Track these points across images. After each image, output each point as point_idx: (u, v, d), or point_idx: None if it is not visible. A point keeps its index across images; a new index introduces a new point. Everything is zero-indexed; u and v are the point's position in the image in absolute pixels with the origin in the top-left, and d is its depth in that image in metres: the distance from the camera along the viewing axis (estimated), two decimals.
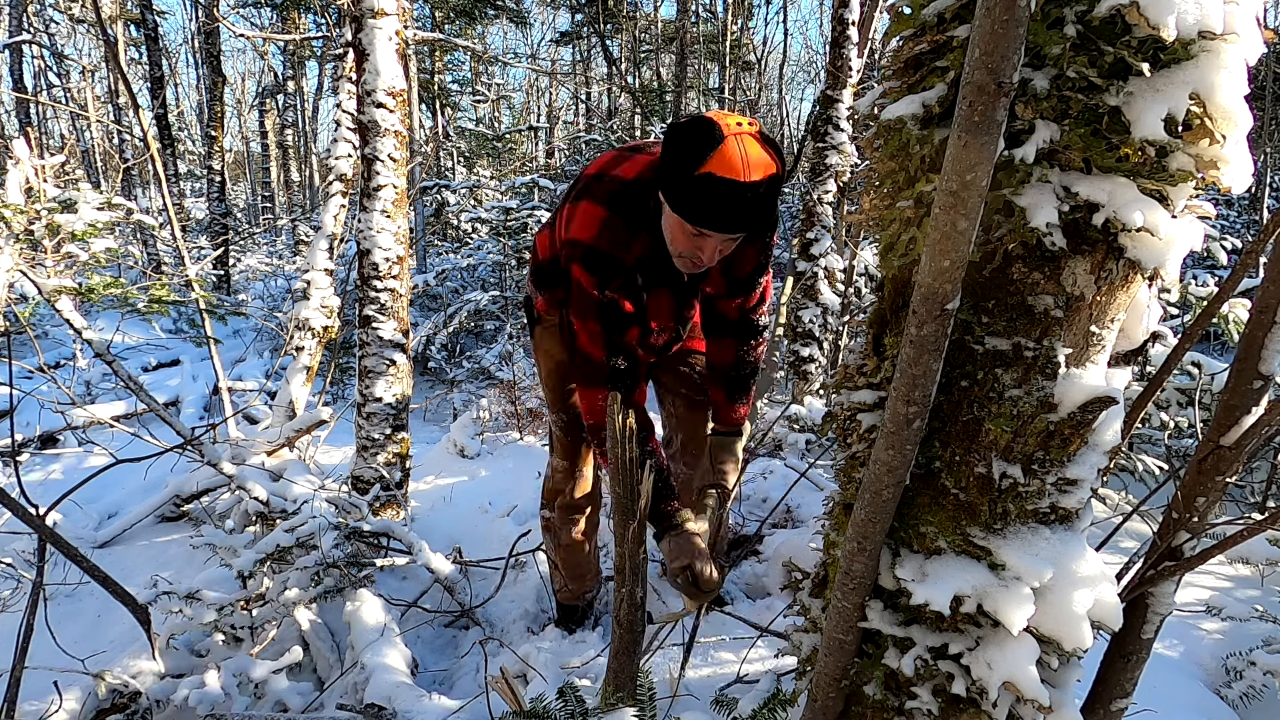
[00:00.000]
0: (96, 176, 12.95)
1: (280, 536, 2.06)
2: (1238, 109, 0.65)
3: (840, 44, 3.78)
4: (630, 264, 1.46)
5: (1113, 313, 0.75)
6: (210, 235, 9.90)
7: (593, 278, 1.44)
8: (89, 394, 5.19)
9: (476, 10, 9.40)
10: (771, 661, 1.79)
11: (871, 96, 0.82)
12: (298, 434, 2.85)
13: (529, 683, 1.80)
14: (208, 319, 2.95)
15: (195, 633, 1.98)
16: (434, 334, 6.17)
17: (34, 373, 2.42)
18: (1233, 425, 0.90)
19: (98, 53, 14.62)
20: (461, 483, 3.55)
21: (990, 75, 0.57)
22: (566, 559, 2.05)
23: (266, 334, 6.77)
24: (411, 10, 7.41)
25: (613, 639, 1.26)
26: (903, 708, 0.84)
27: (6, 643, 1.76)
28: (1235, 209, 7.91)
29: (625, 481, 1.17)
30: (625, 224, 1.43)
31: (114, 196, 2.36)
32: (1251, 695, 1.79)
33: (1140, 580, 0.98)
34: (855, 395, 0.85)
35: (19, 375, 4.94)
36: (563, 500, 1.96)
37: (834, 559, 0.92)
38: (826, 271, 3.96)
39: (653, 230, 1.44)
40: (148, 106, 8.91)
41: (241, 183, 22.54)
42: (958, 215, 0.62)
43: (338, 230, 3.63)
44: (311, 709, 1.81)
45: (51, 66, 12.16)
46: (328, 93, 15.97)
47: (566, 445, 1.92)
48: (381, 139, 2.60)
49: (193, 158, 16.34)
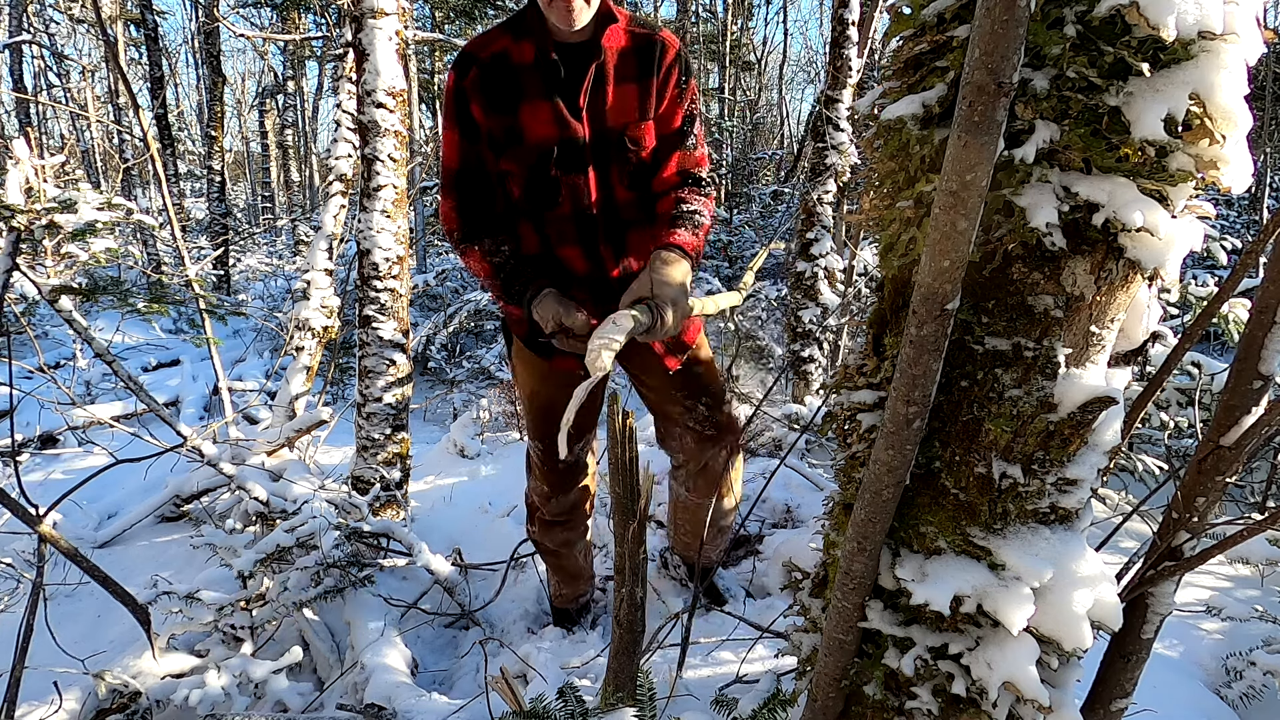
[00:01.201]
0: (96, 176, 12.95)
1: (280, 536, 2.06)
2: (1238, 109, 0.65)
3: (840, 44, 3.78)
4: (486, 58, 1.45)
5: (1113, 313, 0.75)
6: (210, 235, 9.90)
7: (452, 73, 1.48)
8: (89, 394, 5.20)
9: (476, 10, 9.41)
10: (771, 661, 1.79)
11: (871, 96, 0.82)
12: (298, 434, 2.84)
13: (529, 683, 1.80)
14: (208, 319, 2.95)
15: (195, 633, 1.98)
16: (434, 334, 6.17)
17: (34, 373, 2.42)
18: (1233, 425, 0.90)
19: (98, 53, 14.61)
20: (461, 483, 3.55)
21: (990, 75, 0.57)
22: (555, 565, 2.07)
23: (266, 334, 6.77)
24: (411, 10, 7.41)
25: (613, 639, 1.26)
26: (903, 708, 0.84)
27: (6, 643, 1.76)
28: (1235, 209, 7.91)
29: (625, 481, 1.17)
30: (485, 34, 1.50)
31: (114, 196, 2.35)
32: (1251, 695, 1.79)
33: (1140, 580, 0.98)
34: (855, 395, 0.85)
35: (19, 375, 4.94)
36: (542, 516, 1.94)
37: (834, 559, 0.92)
38: (826, 271, 3.96)
39: (518, 32, 1.46)
40: (148, 106, 8.91)
41: (241, 183, 22.54)
42: (958, 215, 0.62)
43: (338, 230, 3.63)
44: (311, 709, 1.81)
45: (51, 66, 12.16)
46: (328, 93, 15.97)
47: (545, 472, 1.86)
48: (381, 139, 2.60)
49: (193, 158, 16.34)
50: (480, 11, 9.44)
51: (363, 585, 2.14)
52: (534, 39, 1.44)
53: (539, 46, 1.44)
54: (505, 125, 1.47)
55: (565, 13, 1.36)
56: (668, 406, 1.80)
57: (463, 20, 9.98)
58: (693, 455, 1.84)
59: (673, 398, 1.78)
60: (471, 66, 1.45)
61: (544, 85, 1.45)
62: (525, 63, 1.45)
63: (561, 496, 1.89)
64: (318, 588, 2.06)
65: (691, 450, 1.83)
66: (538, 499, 1.92)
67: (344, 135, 3.77)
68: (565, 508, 1.92)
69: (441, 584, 2.29)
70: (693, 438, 1.81)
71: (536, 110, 1.46)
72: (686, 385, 1.76)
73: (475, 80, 1.45)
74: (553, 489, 1.88)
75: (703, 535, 1.83)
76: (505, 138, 1.48)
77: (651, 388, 1.80)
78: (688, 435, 1.81)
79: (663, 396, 1.80)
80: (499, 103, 1.46)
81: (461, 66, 1.46)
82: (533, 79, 1.45)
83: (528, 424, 1.84)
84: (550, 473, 1.85)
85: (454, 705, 1.66)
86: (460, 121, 1.49)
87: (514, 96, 1.46)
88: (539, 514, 1.94)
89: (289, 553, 2.08)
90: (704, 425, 1.79)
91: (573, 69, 1.45)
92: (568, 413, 1.12)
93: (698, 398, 1.78)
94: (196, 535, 2.39)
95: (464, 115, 1.48)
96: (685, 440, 1.83)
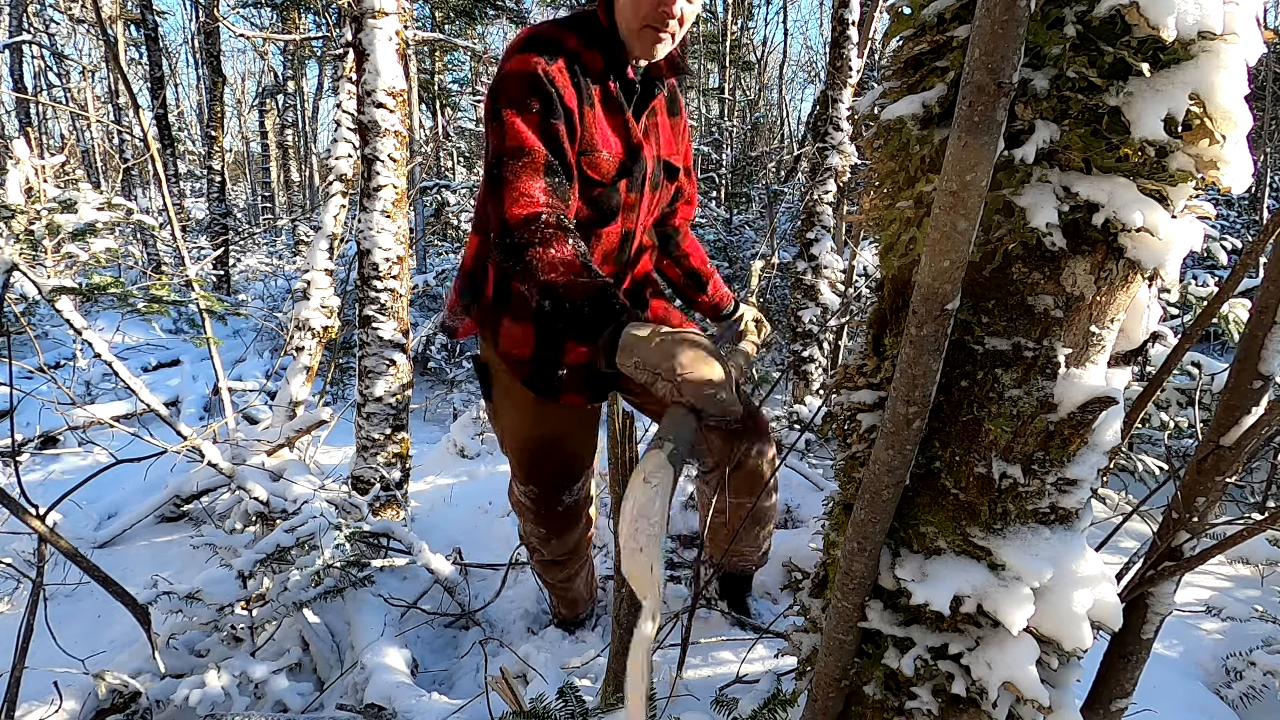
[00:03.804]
0: (96, 176, 12.96)
1: (280, 537, 2.06)
2: (1238, 109, 0.65)
3: (840, 44, 3.78)
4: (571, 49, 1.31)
5: (1113, 313, 0.75)
6: (210, 235, 9.90)
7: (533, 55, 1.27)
8: (89, 394, 5.20)
9: (476, 10, 9.40)
10: (771, 661, 1.79)
11: (871, 96, 0.81)
12: (298, 434, 2.85)
13: (529, 683, 1.80)
14: (208, 319, 2.95)
15: (195, 633, 1.98)
16: (434, 334, 6.17)
17: (34, 373, 2.42)
18: (1233, 425, 0.90)
19: (98, 53, 14.61)
20: (461, 483, 3.55)
21: (990, 75, 0.57)
22: (556, 596, 2.04)
23: (266, 334, 6.76)
24: (411, 10, 7.41)
25: (613, 639, 1.26)
26: (903, 708, 0.84)
27: (6, 643, 1.76)
28: (1235, 209, 7.91)
29: (625, 481, 1.17)
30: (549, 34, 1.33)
31: (114, 196, 2.35)
32: (1251, 695, 1.80)
33: (1140, 580, 0.98)
34: (855, 395, 0.85)
35: (19, 375, 4.94)
36: (542, 558, 1.85)
37: (834, 559, 0.92)
38: (827, 271, 3.96)
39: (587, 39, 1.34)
40: (148, 106, 8.91)
41: (241, 183, 22.54)
42: (958, 215, 0.62)
43: (338, 230, 3.63)
44: (311, 709, 1.81)
45: (51, 66, 12.17)
46: (328, 93, 15.97)
47: (541, 517, 1.72)
48: (381, 139, 2.60)
49: (193, 158, 16.34)
50: (480, 11, 9.44)
51: (363, 585, 2.14)
52: (602, 50, 1.36)
53: (609, 59, 1.36)
54: (589, 123, 1.35)
55: (652, 44, 1.33)
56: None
57: (463, 20, 9.98)
58: (723, 454, 1.68)
59: None
60: (560, 54, 1.30)
61: (616, 100, 1.39)
62: (596, 70, 1.36)
63: (565, 538, 1.77)
64: (318, 588, 2.06)
65: (720, 449, 1.68)
66: (536, 541, 1.79)
67: (344, 135, 3.77)
68: (568, 548, 1.80)
69: (442, 584, 2.29)
70: (718, 435, 1.66)
71: (608, 122, 1.39)
72: None
73: (564, 69, 1.30)
74: (552, 531, 1.74)
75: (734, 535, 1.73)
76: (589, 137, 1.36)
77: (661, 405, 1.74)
78: (711, 433, 1.66)
79: None
80: (581, 99, 1.34)
81: (549, 50, 1.29)
82: (603, 91, 1.37)
83: (516, 469, 1.68)
84: (547, 516, 1.71)
85: (454, 705, 1.66)
86: (549, 105, 1.27)
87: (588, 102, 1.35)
88: (539, 555, 1.85)
89: (289, 553, 2.08)
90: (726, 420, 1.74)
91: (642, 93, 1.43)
92: (640, 667, 0.77)
93: None
94: (196, 535, 2.39)
95: (558, 98, 1.28)
96: (710, 439, 1.67)
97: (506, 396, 1.58)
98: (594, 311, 1.07)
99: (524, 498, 1.72)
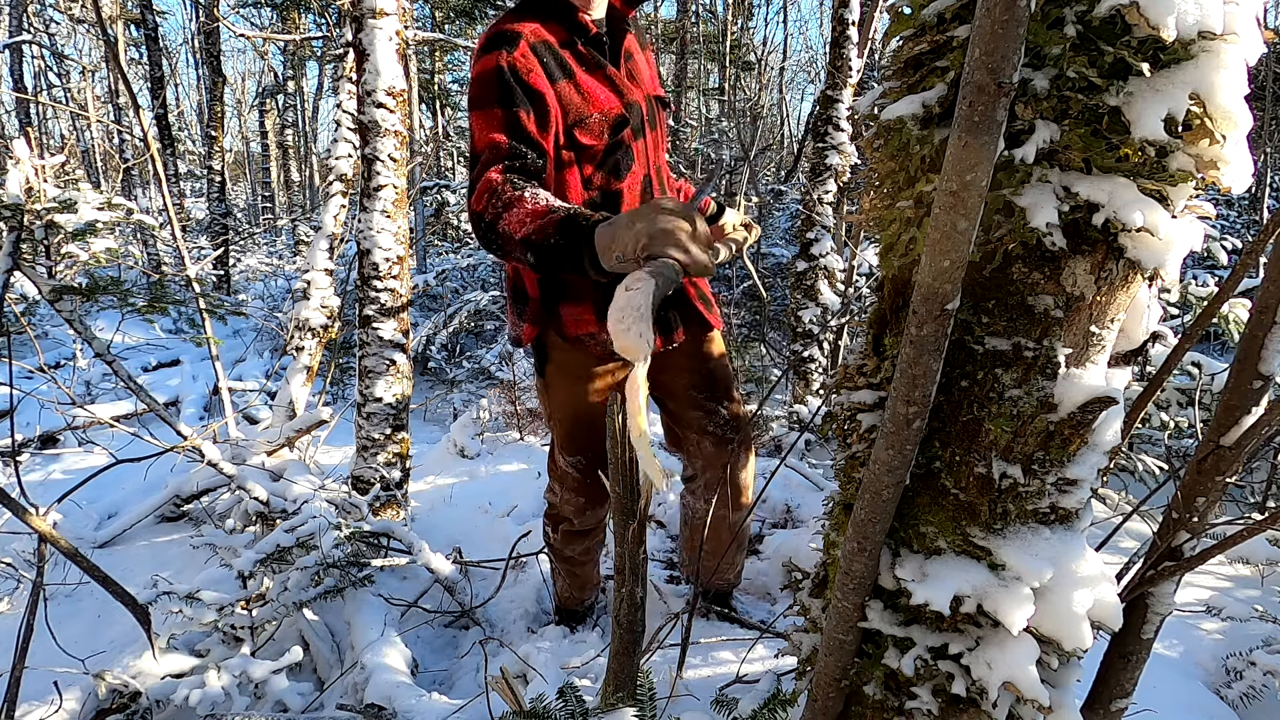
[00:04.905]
0: (96, 176, 12.96)
1: (280, 537, 2.06)
2: (1238, 109, 0.65)
3: (840, 44, 3.78)
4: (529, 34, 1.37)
5: (1113, 313, 0.75)
6: (210, 235, 9.90)
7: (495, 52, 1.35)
8: (89, 394, 5.20)
9: (476, 10, 9.41)
10: (771, 661, 1.79)
11: (871, 96, 0.81)
12: (298, 434, 2.85)
13: (529, 683, 1.80)
14: (208, 319, 2.96)
15: (195, 633, 1.98)
16: (434, 334, 6.17)
17: (34, 373, 2.42)
18: (1233, 425, 0.90)
19: (98, 53, 14.61)
20: (461, 483, 3.55)
21: (990, 75, 0.57)
22: (569, 572, 2.05)
23: (266, 334, 6.77)
24: (412, 10, 7.41)
25: (613, 639, 1.26)
26: (903, 708, 0.84)
27: (6, 643, 1.76)
28: (1235, 209, 7.90)
29: (625, 481, 1.17)
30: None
31: (114, 196, 2.35)
32: (1251, 695, 1.80)
33: (1140, 580, 0.98)
34: (855, 395, 0.85)
35: (19, 375, 4.94)
36: (568, 528, 1.90)
37: (834, 559, 0.92)
38: (826, 271, 3.96)
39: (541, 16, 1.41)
40: (148, 106, 8.91)
41: (241, 183, 22.55)
42: (958, 215, 0.62)
43: (338, 230, 3.63)
44: (311, 709, 1.81)
45: (51, 66, 12.17)
46: (328, 93, 15.97)
47: (585, 486, 1.79)
48: (382, 139, 2.60)
49: (193, 158, 16.35)
50: (480, 11, 9.44)
51: (363, 585, 2.14)
52: (557, 20, 1.43)
53: (566, 25, 1.43)
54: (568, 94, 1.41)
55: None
56: (688, 413, 1.77)
57: (463, 20, 9.99)
58: (711, 461, 1.79)
59: (693, 401, 1.75)
60: (519, 40, 1.37)
61: (591, 58, 1.45)
62: (562, 40, 1.43)
63: (599, 509, 1.85)
64: (318, 588, 2.06)
65: (710, 455, 1.79)
66: (571, 511, 1.85)
67: (344, 135, 3.77)
68: (599, 518, 1.88)
69: (442, 583, 2.29)
70: (711, 441, 1.77)
71: (592, 83, 1.44)
72: (706, 387, 1.74)
73: (527, 52, 1.37)
74: (590, 501, 1.82)
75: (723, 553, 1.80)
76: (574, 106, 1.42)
77: (671, 394, 1.77)
78: (705, 440, 1.77)
79: (682, 404, 1.76)
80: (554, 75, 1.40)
81: (508, 42, 1.36)
82: (575, 56, 1.44)
83: (566, 441, 1.75)
84: (591, 486, 1.79)
85: (454, 705, 1.66)
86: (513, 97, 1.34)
87: (564, 74, 1.42)
88: (566, 525, 1.89)
89: (289, 553, 2.08)
90: (724, 428, 1.76)
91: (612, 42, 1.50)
92: (638, 400, 0.90)
93: (718, 400, 1.75)
94: (196, 535, 2.39)
95: (522, 87, 1.35)
96: (704, 445, 1.78)
97: (560, 373, 1.65)
98: (566, 239, 1.11)
99: (570, 468, 1.79)
